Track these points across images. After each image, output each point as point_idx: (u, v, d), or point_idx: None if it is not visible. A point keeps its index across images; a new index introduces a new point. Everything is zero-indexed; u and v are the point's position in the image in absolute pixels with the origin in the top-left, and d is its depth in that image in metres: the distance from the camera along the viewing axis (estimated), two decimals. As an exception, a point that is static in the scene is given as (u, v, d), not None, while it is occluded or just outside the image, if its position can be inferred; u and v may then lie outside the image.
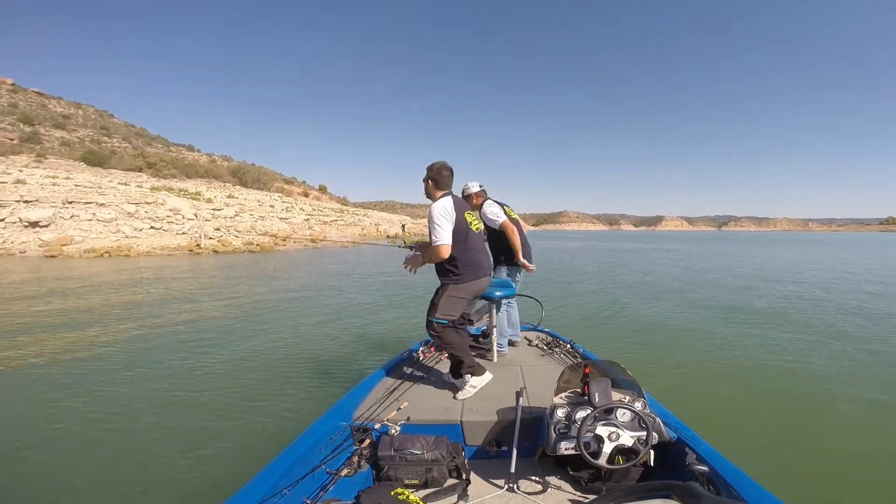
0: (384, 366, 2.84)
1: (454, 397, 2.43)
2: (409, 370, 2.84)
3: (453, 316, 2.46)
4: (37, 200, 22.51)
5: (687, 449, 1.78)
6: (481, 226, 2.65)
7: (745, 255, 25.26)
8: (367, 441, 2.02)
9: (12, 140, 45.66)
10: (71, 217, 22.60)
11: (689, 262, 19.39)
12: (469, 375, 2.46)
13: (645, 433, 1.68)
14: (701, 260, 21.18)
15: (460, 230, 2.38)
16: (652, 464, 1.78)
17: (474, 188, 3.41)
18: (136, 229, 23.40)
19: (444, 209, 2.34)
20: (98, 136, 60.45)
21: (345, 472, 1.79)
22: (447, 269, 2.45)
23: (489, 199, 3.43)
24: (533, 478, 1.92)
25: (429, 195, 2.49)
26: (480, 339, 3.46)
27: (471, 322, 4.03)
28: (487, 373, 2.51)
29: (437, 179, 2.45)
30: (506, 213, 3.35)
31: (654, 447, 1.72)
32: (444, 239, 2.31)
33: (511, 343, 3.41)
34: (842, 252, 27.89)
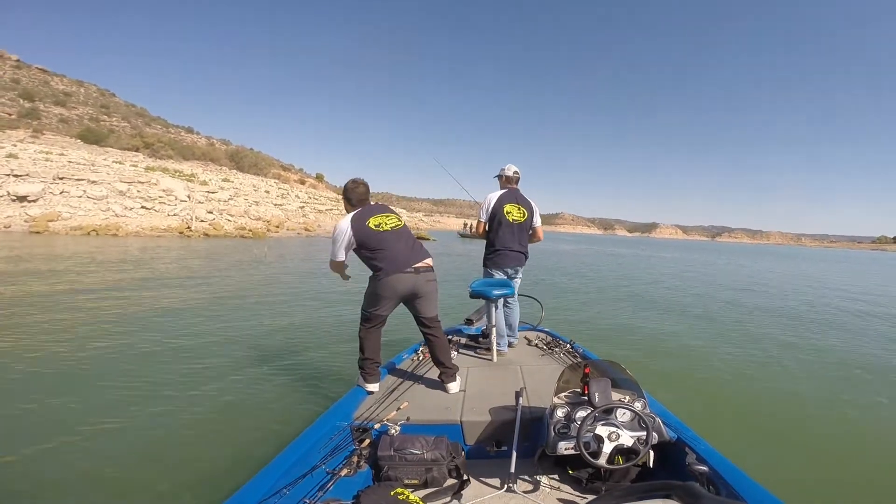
0: (383, 366, 2.79)
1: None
2: (408, 370, 2.81)
3: (370, 310, 2.56)
4: (27, 175, 22.06)
5: (687, 449, 1.78)
6: (399, 223, 2.64)
7: (742, 265, 25.54)
8: (367, 441, 1.99)
9: (10, 115, 44.68)
10: (61, 193, 22.19)
11: (686, 269, 19.57)
12: (360, 378, 2.56)
13: (645, 433, 1.68)
14: (698, 267, 21.38)
15: (367, 238, 2.50)
16: (652, 464, 1.78)
17: (506, 172, 3.47)
18: (126, 208, 23.04)
19: (338, 230, 2.54)
20: (97, 114, 59.28)
21: (344, 471, 1.78)
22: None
23: (503, 190, 3.40)
24: (533, 478, 1.90)
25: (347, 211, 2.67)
26: (480, 339, 3.44)
27: (470, 322, 4.02)
28: (376, 385, 2.53)
29: (348, 197, 2.66)
30: (506, 211, 3.28)
31: (653, 447, 1.72)
32: (333, 255, 2.61)
33: (509, 345, 3.37)
34: (833, 266, 28.32)
